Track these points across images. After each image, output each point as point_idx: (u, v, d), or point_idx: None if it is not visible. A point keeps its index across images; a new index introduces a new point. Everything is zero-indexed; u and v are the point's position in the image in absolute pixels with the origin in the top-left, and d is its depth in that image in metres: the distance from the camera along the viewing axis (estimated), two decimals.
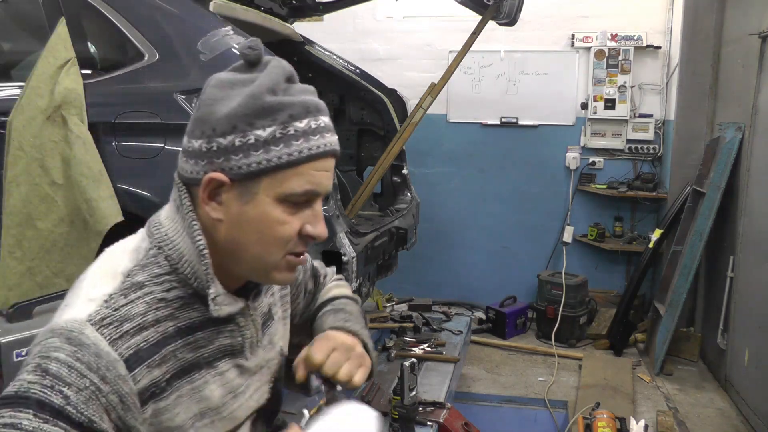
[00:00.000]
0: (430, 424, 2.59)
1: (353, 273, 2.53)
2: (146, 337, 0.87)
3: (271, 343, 1.09)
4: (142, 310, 0.88)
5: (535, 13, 4.73)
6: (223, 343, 0.97)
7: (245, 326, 1.00)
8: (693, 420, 3.44)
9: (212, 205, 0.89)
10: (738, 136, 3.76)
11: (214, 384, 0.96)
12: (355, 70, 3.64)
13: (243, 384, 1.01)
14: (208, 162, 0.87)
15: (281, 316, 1.14)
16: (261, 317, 1.05)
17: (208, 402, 0.95)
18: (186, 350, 0.92)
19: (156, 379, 0.88)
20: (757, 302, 3.39)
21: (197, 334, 0.93)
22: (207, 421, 0.95)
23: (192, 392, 0.92)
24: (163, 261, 0.92)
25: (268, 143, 0.86)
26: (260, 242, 0.90)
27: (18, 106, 2.46)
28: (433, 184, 5.12)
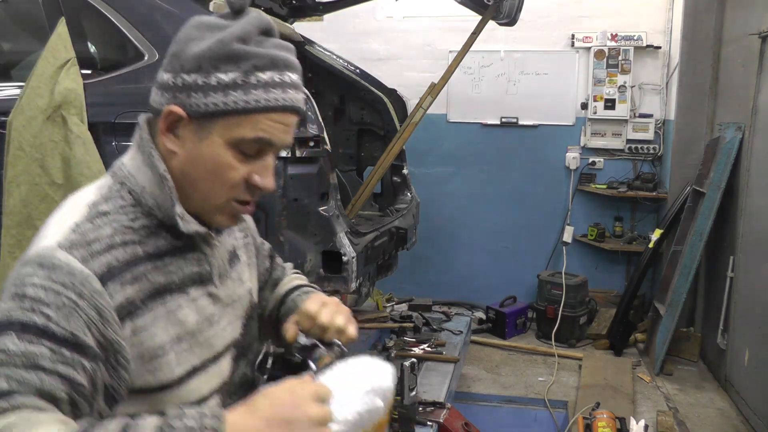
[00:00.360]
0: (430, 424, 2.59)
1: (353, 273, 2.53)
2: (116, 256, 0.91)
3: (241, 280, 1.13)
4: (110, 233, 0.93)
5: (535, 13, 4.73)
6: (192, 271, 1.01)
7: (211, 255, 1.04)
8: (693, 420, 3.44)
9: (169, 136, 0.95)
10: (738, 136, 3.76)
11: (188, 309, 0.99)
12: (355, 70, 3.64)
13: (216, 313, 1.05)
14: (172, 95, 0.92)
15: (246, 262, 1.18)
16: (226, 253, 1.10)
17: (184, 326, 0.98)
18: (157, 274, 0.95)
19: (130, 298, 0.91)
20: (757, 302, 3.39)
21: (166, 260, 0.97)
22: (185, 346, 0.99)
23: (168, 315, 0.96)
24: (126, 194, 0.97)
25: (228, 87, 0.90)
26: (208, 181, 0.95)
27: (18, 106, 2.46)
28: (433, 184, 5.12)
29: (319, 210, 2.48)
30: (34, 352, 0.82)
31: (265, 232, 2.40)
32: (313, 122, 2.43)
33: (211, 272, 1.04)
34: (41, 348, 0.82)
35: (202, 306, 1.02)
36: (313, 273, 2.49)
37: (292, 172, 2.40)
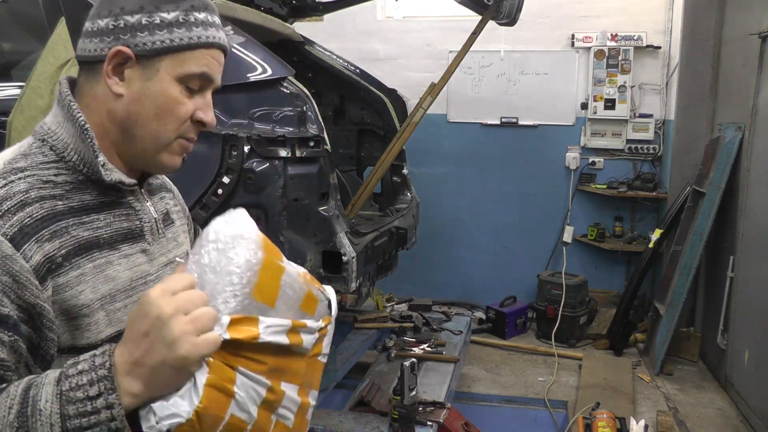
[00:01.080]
0: (430, 424, 2.59)
1: (353, 273, 2.53)
2: (30, 213, 0.87)
3: (176, 241, 1.13)
4: (24, 188, 0.89)
5: (535, 13, 4.73)
6: (121, 227, 0.99)
7: (141, 210, 1.03)
8: (693, 420, 3.44)
9: (115, 79, 0.95)
10: (738, 136, 3.76)
11: (120, 266, 0.97)
12: (355, 70, 3.64)
13: (153, 272, 1.03)
14: (114, 38, 0.93)
15: (182, 228, 1.18)
16: (159, 213, 1.09)
17: (115, 283, 0.96)
18: (81, 228, 0.92)
19: (50, 254, 0.87)
20: (757, 302, 3.39)
21: (92, 215, 0.95)
22: (120, 305, 0.96)
23: (95, 271, 0.93)
24: (48, 151, 0.95)
25: (171, 25, 0.94)
26: (157, 118, 0.96)
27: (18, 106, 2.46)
28: (433, 184, 5.12)
29: (319, 210, 2.48)
30: None
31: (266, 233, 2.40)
32: (313, 122, 2.43)
33: (141, 228, 1.03)
34: None
35: (137, 263, 1.00)
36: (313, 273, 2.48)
37: (292, 172, 2.40)
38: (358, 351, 3.44)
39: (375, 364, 3.29)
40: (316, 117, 2.45)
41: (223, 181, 2.36)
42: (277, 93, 2.42)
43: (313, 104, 2.45)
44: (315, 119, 2.44)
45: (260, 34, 2.91)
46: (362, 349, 3.52)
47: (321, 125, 2.46)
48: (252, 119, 2.39)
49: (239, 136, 2.35)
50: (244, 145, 2.35)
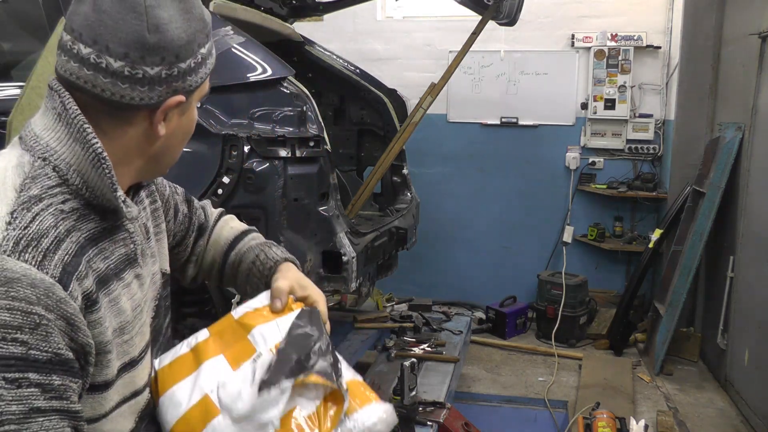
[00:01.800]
0: (430, 424, 2.59)
1: (353, 273, 2.53)
2: (66, 249, 0.82)
3: (154, 256, 1.08)
4: (53, 222, 0.82)
5: (535, 13, 4.73)
6: (122, 253, 0.95)
7: (135, 232, 0.99)
8: (693, 420, 3.44)
9: (162, 124, 0.93)
10: (738, 136, 3.76)
11: (125, 296, 0.93)
12: (355, 70, 3.64)
13: (142, 297, 1.00)
14: (167, 86, 0.89)
15: (154, 232, 1.10)
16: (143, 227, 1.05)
17: (125, 315, 0.92)
18: (98, 260, 0.88)
19: (87, 291, 0.83)
20: (757, 302, 3.39)
21: (100, 244, 0.89)
22: (127, 338, 0.93)
23: (110, 305, 0.89)
24: (51, 172, 0.86)
25: (206, 58, 0.95)
26: (184, 142, 1.01)
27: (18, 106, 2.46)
28: (433, 184, 5.12)
29: (319, 210, 2.48)
30: (24, 394, 0.74)
31: (265, 232, 2.40)
32: (313, 122, 2.43)
33: (135, 251, 0.98)
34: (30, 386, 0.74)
35: (134, 291, 0.96)
36: (313, 273, 2.49)
37: (292, 172, 2.40)
38: (358, 351, 3.44)
39: (375, 364, 3.29)
40: (316, 117, 2.45)
41: (223, 181, 2.36)
42: (277, 93, 2.42)
43: (313, 104, 2.45)
44: (315, 119, 2.44)
45: (260, 34, 2.91)
46: (362, 349, 3.52)
47: (321, 125, 2.46)
48: (252, 119, 2.39)
49: (239, 136, 2.35)
50: (244, 145, 2.35)
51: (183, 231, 1.26)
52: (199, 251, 1.29)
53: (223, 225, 1.32)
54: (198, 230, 1.28)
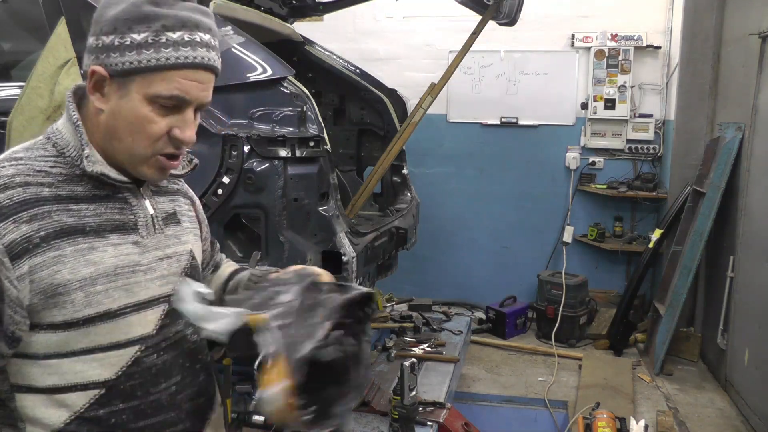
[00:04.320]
0: (430, 424, 2.59)
1: (353, 273, 2.53)
2: (10, 196, 0.96)
3: (178, 239, 1.17)
4: (11, 173, 0.99)
5: (535, 13, 4.73)
6: (113, 218, 1.05)
7: (137, 206, 1.09)
8: (693, 420, 3.44)
9: (96, 95, 1.01)
10: (738, 136, 3.76)
11: (105, 252, 1.03)
12: (355, 70, 3.64)
13: (145, 264, 1.08)
14: (95, 57, 1.00)
15: (190, 228, 1.23)
16: (160, 212, 1.15)
17: (97, 267, 1.01)
18: (65, 214, 1.00)
19: (26, 235, 0.96)
20: (757, 302, 3.39)
21: (81, 205, 1.02)
22: (100, 288, 1.01)
23: (76, 254, 0.99)
24: (50, 147, 1.05)
25: (141, 46, 0.97)
26: (131, 135, 1.02)
27: (18, 106, 2.46)
28: (433, 184, 5.12)
29: (319, 210, 2.48)
30: None
31: (265, 232, 2.40)
32: (313, 122, 2.43)
33: (136, 222, 1.08)
34: None
35: (126, 252, 1.05)
36: None
37: (292, 172, 2.40)
38: None
39: (375, 364, 3.29)
40: (316, 117, 2.45)
41: (223, 181, 2.36)
42: (277, 93, 2.42)
43: (313, 104, 2.45)
44: (315, 119, 2.44)
45: (260, 34, 2.91)
46: None
47: (321, 125, 2.46)
48: (252, 119, 2.39)
49: (239, 136, 2.35)
50: (244, 145, 2.35)
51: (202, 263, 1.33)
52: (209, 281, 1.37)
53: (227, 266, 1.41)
54: (213, 268, 1.40)
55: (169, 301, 1.11)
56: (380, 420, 2.62)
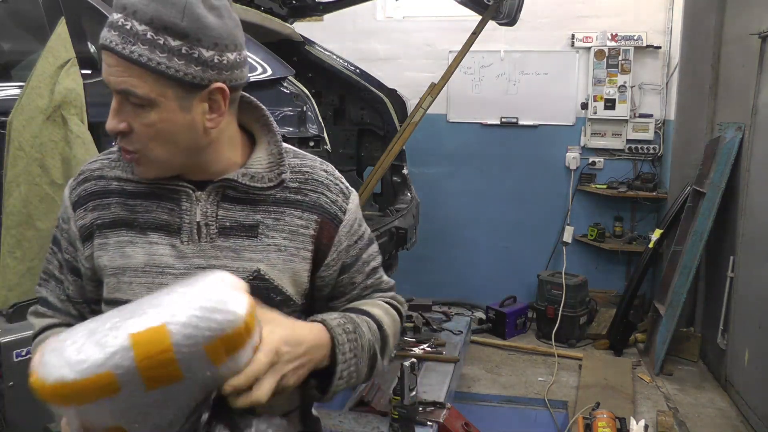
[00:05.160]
0: (430, 424, 2.59)
1: None
2: (87, 188, 1.12)
3: (237, 253, 1.07)
4: (96, 167, 1.14)
5: (535, 13, 4.73)
6: (159, 217, 1.08)
7: (187, 210, 1.08)
8: (693, 420, 3.44)
9: None
10: (738, 136, 3.76)
11: (140, 248, 1.08)
12: (355, 70, 3.64)
13: (179, 269, 1.06)
14: None
15: (279, 245, 1.09)
16: (224, 220, 1.07)
17: (128, 260, 1.08)
18: (121, 209, 1.09)
19: (88, 222, 1.11)
20: (757, 302, 3.39)
21: (138, 200, 1.09)
22: (127, 279, 1.08)
23: (117, 245, 1.09)
24: None
25: None
26: None
27: (18, 106, 2.46)
28: (433, 184, 5.12)
29: None
30: (53, 261, 1.19)
31: None
32: (313, 122, 2.43)
33: (180, 225, 1.08)
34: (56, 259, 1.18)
35: (159, 252, 1.07)
36: None
37: None
38: None
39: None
40: (316, 117, 2.45)
41: None
42: (277, 93, 2.42)
43: (313, 104, 2.45)
44: (315, 119, 2.44)
45: (260, 34, 2.91)
46: None
47: (321, 125, 2.46)
48: None
49: None
50: None
51: (331, 291, 1.19)
52: None
53: (364, 303, 1.21)
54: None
55: None
56: (380, 420, 2.61)
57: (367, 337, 1.11)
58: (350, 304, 1.20)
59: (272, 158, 1.11)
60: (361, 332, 1.10)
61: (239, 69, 1.03)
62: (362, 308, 1.17)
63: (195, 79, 0.97)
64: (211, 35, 0.97)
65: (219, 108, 1.02)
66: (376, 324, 1.15)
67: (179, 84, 0.97)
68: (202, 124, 1.02)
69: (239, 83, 1.04)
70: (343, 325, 1.08)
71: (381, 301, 1.23)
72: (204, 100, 1.00)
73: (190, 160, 1.06)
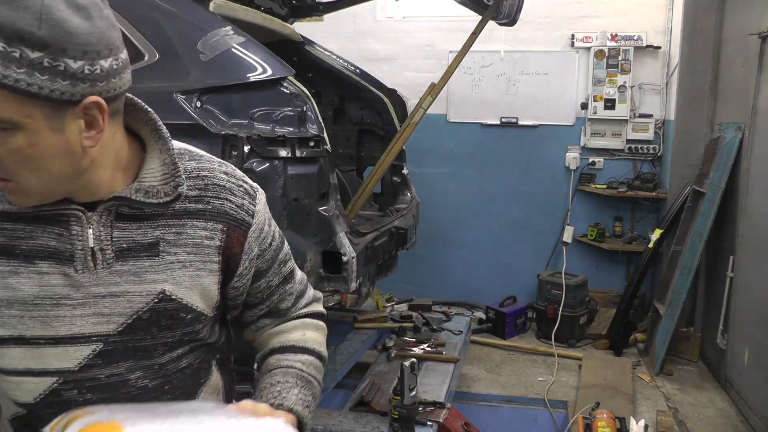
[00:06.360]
0: (430, 424, 2.59)
1: (353, 273, 2.53)
2: None
3: (138, 276, 0.99)
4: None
5: (535, 13, 4.73)
6: (47, 244, 0.96)
7: (78, 234, 0.96)
8: (693, 420, 3.44)
9: None
10: (738, 136, 3.76)
11: (27, 279, 0.95)
12: (355, 70, 3.64)
13: (77, 298, 0.97)
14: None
15: (183, 262, 1.02)
16: (124, 241, 0.99)
17: (14, 293, 0.95)
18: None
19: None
20: (757, 302, 3.39)
21: (18, 225, 0.95)
22: (15, 313, 0.95)
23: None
24: None
25: None
26: None
27: None
28: (433, 184, 5.12)
29: (319, 210, 2.48)
30: None
31: None
32: (313, 122, 2.43)
33: (72, 253, 0.96)
34: None
35: (51, 283, 0.96)
36: (313, 273, 2.49)
37: (292, 172, 2.40)
38: (358, 351, 3.44)
39: (375, 364, 3.29)
40: (316, 117, 2.45)
41: None
42: (277, 93, 2.42)
43: (313, 104, 2.46)
44: (315, 119, 2.44)
45: (260, 34, 2.91)
46: (362, 349, 3.52)
47: (321, 125, 2.46)
48: (252, 119, 2.39)
49: (239, 136, 2.35)
50: (244, 145, 2.35)
51: (254, 299, 1.17)
52: (263, 326, 1.22)
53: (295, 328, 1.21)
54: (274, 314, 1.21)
55: (105, 341, 0.99)
56: (380, 420, 2.61)
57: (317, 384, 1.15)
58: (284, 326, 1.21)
59: (166, 168, 1.00)
60: (314, 387, 1.13)
61: (117, 76, 0.90)
62: (304, 346, 1.18)
63: (64, 96, 0.83)
64: (77, 42, 0.82)
65: (97, 124, 0.89)
66: (318, 358, 1.18)
67: (46, 102, 0.83)
68: (79, 144, 0.88)
69: (119, 92, 0.92)
70: (303, 400, 1.10)
71: (310, 319, 1.23)
72: (78, 116, 0.87)
73: (73, 185, 0.93)
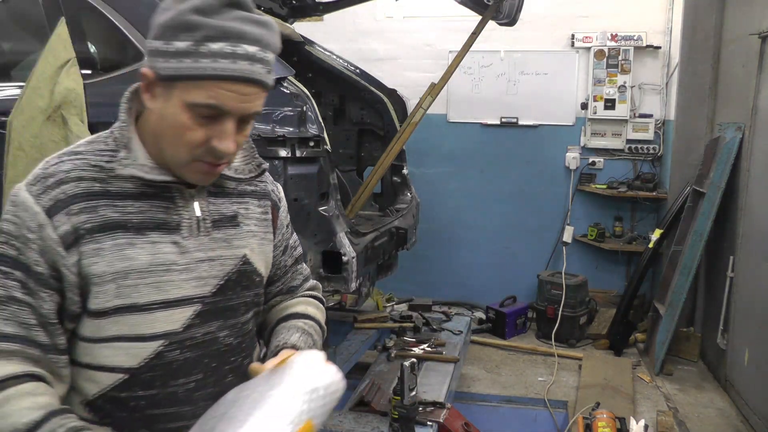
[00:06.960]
0: (430, 424, 2.59)
1: (353, 273, 2.53)
2: (65, 190, 1.03)
3: (228, 242, 1.17)
4: (68, 168, 1.05)
5: (535, 13, 4.73)
6: (156, 216, 1.08)
7: (183, 207, 1.11)
8: (693, 420, 3.44)
9: (146, 95, 1.04)
10: (738, 136, 3.76)
11: (142, 249, 1.07)
12: (355, 70, 3.64)
13: (182, 264, 1.10)
14: (149, 59, 1.02)
15: (254, 232, 1.22)
16: (214, 213, 1.15)
17: (131, 263, 1.06)
18: (110, 210, 1.05)
19: (75, 226, 1.03)
20: (757, 302, 3.39)
21: (127, 201, 1.07)
22: (131, 283, 1.06)
23: (114, 248, 1.05)
24: (111, 141, 1.09)
25: (181, 54, 0.98)
26: (171, 138, 1.04)
27: (18, 106, 2.46)
28: (433, 184, 5.12)
29: (319, 210, 2.48)
30: (8, 284, 1.02)
31: None
32: (313, 122, 2.43)
33: (179, 222, 1.10)
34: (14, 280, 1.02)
35: (162, 251, 1.08)
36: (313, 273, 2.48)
37: (292, 172, 2.40)
38: (358, 351, 3.44)
39: (375, 364, 3.29)
40: (316, 117, 2.45)
41: None
42: (277, 93, 2.42)
43: (313, 104, 2.46)
44: (315, 119, 2.44)
45: None
46: (362, 349, 3.52)
47: (321, 125, 2.46)
48: None
49: None
50: None
51: (271, 275, 1.32)
52: (274, 304, 1.38)
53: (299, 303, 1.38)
54: (286, 290, 1.38)
55: (203, 302, 1.12)
56: (380, 420, 2.62)
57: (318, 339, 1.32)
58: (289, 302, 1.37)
59: (245, 151, 1.21)
60: (313, 338, 1.30)
61: None
62: (306, 313, 1.34)
63: None
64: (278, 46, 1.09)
65: None
66: (318, 326, 1.35)
67: None
68: None
69: None
70: (305, 342, 1.26)
71: (311, 299, 1.42)
72: None
73: None
